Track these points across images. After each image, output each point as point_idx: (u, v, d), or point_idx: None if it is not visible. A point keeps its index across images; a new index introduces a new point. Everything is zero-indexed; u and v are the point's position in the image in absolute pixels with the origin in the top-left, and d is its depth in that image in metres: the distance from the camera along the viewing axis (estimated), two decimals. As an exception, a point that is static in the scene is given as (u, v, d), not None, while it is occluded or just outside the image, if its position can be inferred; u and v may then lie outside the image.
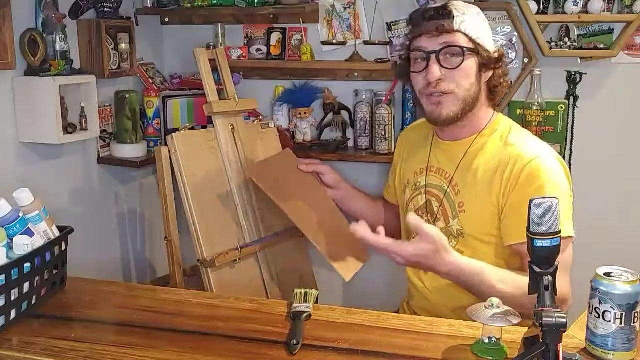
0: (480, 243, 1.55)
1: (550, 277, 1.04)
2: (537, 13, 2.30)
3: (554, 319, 0.98)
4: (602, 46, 2.33)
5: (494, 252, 1.54)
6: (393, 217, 1.87)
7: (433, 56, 1.53)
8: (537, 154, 1.51)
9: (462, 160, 1.59)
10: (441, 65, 1.53)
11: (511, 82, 1.62)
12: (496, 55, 1.57)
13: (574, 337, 1.19)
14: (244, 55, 2.65)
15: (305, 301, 1.34)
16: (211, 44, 2.61)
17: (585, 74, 2.38)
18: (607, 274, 1.10)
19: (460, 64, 1.52)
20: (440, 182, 1.62)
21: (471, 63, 1.53)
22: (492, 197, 1.51)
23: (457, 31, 1.52)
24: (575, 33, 2.37)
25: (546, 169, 1.48)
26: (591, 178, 2.43)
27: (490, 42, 1.58)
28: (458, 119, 1.56)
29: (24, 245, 1.28)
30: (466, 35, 1.52)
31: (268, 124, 2.12)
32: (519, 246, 1.46)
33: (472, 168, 1.57)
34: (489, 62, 1.55)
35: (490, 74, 1.58)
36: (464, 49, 1.52)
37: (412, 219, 1.39)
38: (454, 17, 1.51)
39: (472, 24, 1.54)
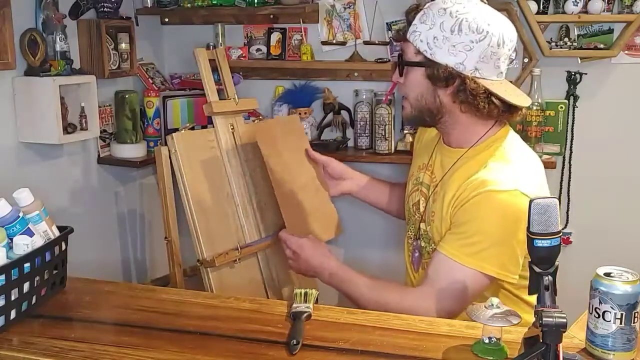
0: None
1: (550, 277, 1.04)
2: (537, 13, 2.30)
3: (554, 319, 0.98)
4: (602, 46, 2.33)
5: None
6: None
7: (394, 60, 1.53)
8: (497, 188, 1.37)
9: (450, 170, 1.52)
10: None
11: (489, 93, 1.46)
12: (445, 74, 1.41)
13: (574, 337, 1.18)
14: (244, 55, 2.65)
15: (305, 301, 1.33)
16: (211, 44, 2.62)
17: (585, 74, 2.38)
18: (607, 274, 1.10)
19: (400, 75, 1.50)
20: (430, 183, 1.59)
21: (415, 75, 1.47)
22: (449, 215, 1.47)
23: (406, 40, 1.47)
24: (575, 33, 2.37)
25: (495, 205, 1.36)
26: (591, 178, 2.43)
27: (448, 57, 1.40)
28: (424, 124, 1.56)
29: (24, 245, 1.28)
30: (415, 47, 1.45)
31: (268, 124, 2.12)
32: (433, 254, 1.46)
33: (450, 182, 1.49)
34: (436, 79, 1.43)
35: (452, 89, 1.43)
36: (405, 61, 1.48)
37: (281, 234, 1.68)
38: (411, 24, 1.46)
39: (427, 35, 1.42)
